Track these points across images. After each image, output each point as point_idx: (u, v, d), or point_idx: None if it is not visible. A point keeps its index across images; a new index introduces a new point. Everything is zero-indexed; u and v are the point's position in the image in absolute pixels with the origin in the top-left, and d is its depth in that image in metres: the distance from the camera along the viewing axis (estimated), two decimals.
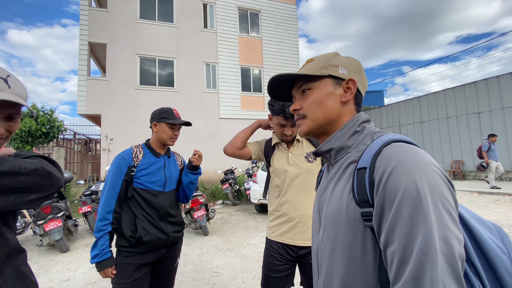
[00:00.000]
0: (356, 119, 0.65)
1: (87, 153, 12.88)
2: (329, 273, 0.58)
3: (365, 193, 0.52)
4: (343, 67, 0.66)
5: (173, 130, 1.56)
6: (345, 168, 0.61)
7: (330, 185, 0.64)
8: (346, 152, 0.63)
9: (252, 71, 11.41)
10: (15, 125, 0.75)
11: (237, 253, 3.80)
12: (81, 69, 9.04)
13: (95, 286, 2.89)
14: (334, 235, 0.57)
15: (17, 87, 0.72)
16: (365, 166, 0.53)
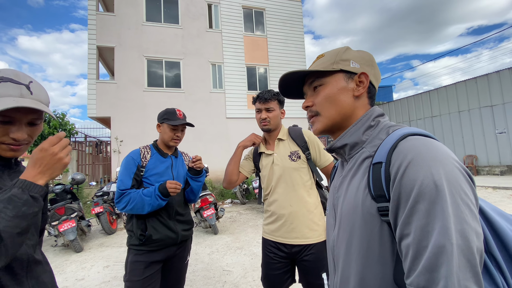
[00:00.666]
0: (370, 113, 0.64)
1: (98, 155, 13.16)
2: (345, 268, 0.58)
3: (381, 187, 0.51)
4: (354, 61, 0.65)
5: (174, 131, 1.56)
6: (360, 163, 0.60)
7: (345, 181, 0.64)
8: (360, 147, 0.62)
9: (257, 70, 11.40)
10: (37, 130, 0.77)
11: (247, 252, 3.81)
12: (90, 73, 9.22)
13: (109, 284, 2.95)
14: (350, 231, 0.57)
15: (39, 93, 0.74)
16: (380, 161, 0.53)
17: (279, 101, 1.54)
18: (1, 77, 0.69)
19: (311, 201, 1.46)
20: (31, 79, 0.74)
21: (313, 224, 1.42)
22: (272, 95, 1.51)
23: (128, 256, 1.45)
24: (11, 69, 0.73)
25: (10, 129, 0.70)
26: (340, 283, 0.60)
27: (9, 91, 0.68)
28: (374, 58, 0.69)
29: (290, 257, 1.45)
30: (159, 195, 1.42)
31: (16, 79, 0.70)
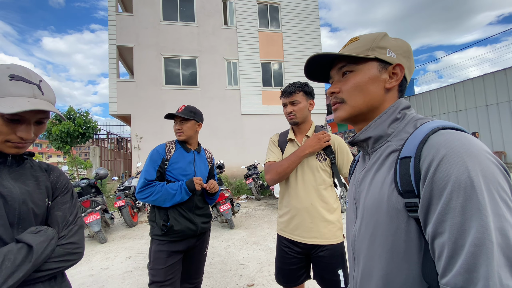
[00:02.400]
0: (396, 105, 0.61)
1: (119, 151, 13.71)
2: (368, 264, 0.57)
3: (410, 183, 0.49)
4: (391, 50, 0.61)
5: (175, 125, 1.64)
6: (385, 157, 0.58)
7: (368, 175, 0.62)
8: (385, 141, 0.60)
9: (272, 66, 11.33)
10: (42, 128, 0.77)
11: (262, 247, 3.85)
12: (111, 72, 9.59)
13: (131, 274, 3.10)
14: (374, 226, 0.55)
15: (49, 92, 0.74)
16: (409, 155, 0.50)
17: (305, 92, 1.48)
18: (12, 74, 0.67)
19: (332, 202, 1.44)
20: (40, 78, 0.74)
21: (331, 224, 1.40)
22: (296, 87, 1.47)
23: (152, 245, 1.53)
24: (21, 66, 0.71)
25: (17, 128, 0.69)
26: (361, 278, 0.59)
27: (21, 91, 0.67)
28: (412, 49, 0.64)
29: (305, 253, 1.44)
30: (185, 188, 1.51)
31: (28, 78, 0.70)
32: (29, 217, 0.74)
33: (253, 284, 2.75)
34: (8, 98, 0.64)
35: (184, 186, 1.52)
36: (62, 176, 0.90)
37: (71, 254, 0.78)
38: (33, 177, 0.80)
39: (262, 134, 9.96)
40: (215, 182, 1.65)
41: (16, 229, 0.71)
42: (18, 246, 0.66)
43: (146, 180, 1.50)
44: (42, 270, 0.70)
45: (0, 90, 0.65)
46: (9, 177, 0.73)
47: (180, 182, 1.54)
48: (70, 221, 0.82)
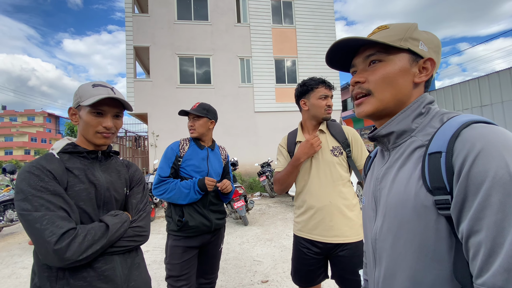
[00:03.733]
0: (421, 100, 0.58)
1: (137, 149, 14.14)
2: (391, 264, 0.55)
3: (441, 179, 0.47)
4: (423, 43, 0.57)
5: (189, 122, 1.68)
6: (410, 153, 0.56)
7: (390, 171, 0.59)
8: (409, 136, 0.58)
9: (286, 62, 11.23)
10: (120, 122, 0.98)
11: (276, 244, 3.86)
12: (128, 72, 9.88)
13: (149, 268, 3.21)
14: (399, 224, 0.53)
15: (119, 94, 0.96)
16: (439, 150, 0.48)
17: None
18: (93, 84, 0.93)
19: (351, 198, 1.40)
20: (113, 86, 0.98)
21: (352, 222, 1.36)
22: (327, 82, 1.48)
23: (168, 241, 1.58)
24: (99, 80, 0.99)
25: (102, 120, 0.91)
26: (384, 278, 0.57)
27: (100, 91, 0.91)
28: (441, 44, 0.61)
29: (324, 253, 1.40)
30: (198, 190, 1.54)
31: (104, 84, 0.95)
32: (111, 201, 0.94)
33: (267, 280, 2.77)
34: (92, 97, 0.88)
35: (196, 187, 1.54)
36: (138, 171, 1.11)
37: (139, 236, 0.95)
38: (116, 171, 1.00)
39: (275, 132, 9.93)
40: (228, 182, 1.66)
41: (102, 210, 0.91)
42: (100, 224, 0.85)
43: (160, 176, 1.55)
44: (116, 246, 0.87)
45: (86, 95, 0.90)
46: (100, 169, 0.94)
47: (193, 180, 1.57)
48: (140, 208, 1.00)
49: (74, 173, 0.86)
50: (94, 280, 0.82)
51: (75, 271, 0.80)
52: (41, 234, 0.73)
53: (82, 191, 0.86)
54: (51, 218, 0.75)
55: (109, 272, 0.85)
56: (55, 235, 0.73)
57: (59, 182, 0.82)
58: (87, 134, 0.91)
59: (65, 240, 0.74)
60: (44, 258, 0.77)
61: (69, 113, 0.95)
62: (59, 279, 0.79)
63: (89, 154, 0.93)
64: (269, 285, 2.68)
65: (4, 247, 4.22)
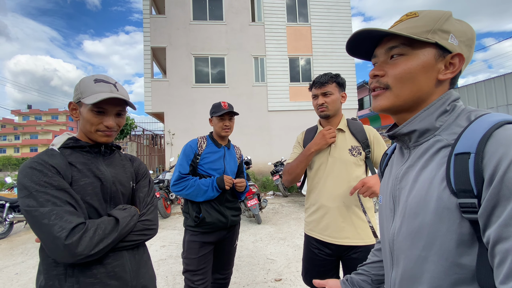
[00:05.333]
0: (447, 97, 0.55)
1: (153, 147, 14.54)
2: (410, 265, 0.54)
3: (468, 182, 0.45)
4: (454, 36, 0.52)
5: (223, 121, 1.68)
6: (434, 153, 0.53)
7: (411, 171, 0.57)
8: (432, 135, 0.55)
9: (300, 61, 11.13)
10: (122, 120, 0.95)
11: (290, 243, 3.86)
12: (146, 72, 10.17)
13: (165, 262, 3.31)
14: (419, 226, 0.51)
15: (122, 90, 0.93)
16: (468, 151, 0.46)
17: (338, 83, 1.40)
18: (96, 79, 0.89)
19: (365, 200, 1.36)
20: (115, 81, 0.93)
21: (365, 224, 1.33)
22: (329, 78, 1.39)
23: (185, 236, 1.63)
24: (101, 74, 0.94)
25: (103, 119, 0.89)
26: (401, 279, 0.56)
27: (102, 88, 0.87)
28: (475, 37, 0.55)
29: (336, 254, 1.37)
30: (216, 187, 1.58)
31: (106, 80, 0.91)
32: (118, 196, 0.92)
33: (281, 279, 2.77)
34: (94, 95, 0.85)
35: (215, 184, 1.58)
36: (142, 165, 1.10)
37: (148, 229, 0.94)
38: (121, 165, 0.99)
39: (289, 131, 9.87)
40: (244, 180, 1.69)
41: (109, 205, 0.90)
42: (109, 219, 0.83)
43: (180, 173, 1.59)
44: (126, 241, 0.87)
45: (88, 90, 0.86)
46: (104, 164, 0.93)
47: (212, 178, 1.61)
48: (148, 202, 0.99)
49: (77, 168, 0.84)
50: (104, 277, 0.81)
51: (84, 268, 0.78)
52: (50, 230, 0.71)
53: (88, 186, 0.84)
54: (59, 213, 0.73)
55: (119, 269, 0.84)
56: (65, 230, 0.71)
57: (63, 176, 0.79)
58: (88, 131, 0.88)
59: (76, 235, 0.72)
60: (54, 254, 0.74)
61: (69, 107, 0.90)
62: (68, 276, 0.77)
63: (92, 148, 0.91)
64: (283, 283, 2.69)
65: (30, 238, 4.48)
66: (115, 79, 0.95)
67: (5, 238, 4.53)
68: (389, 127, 0.66)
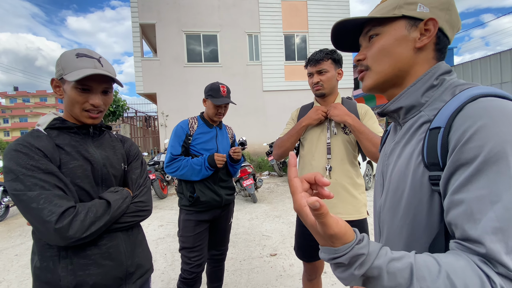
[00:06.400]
0: (434, 70, 0.54)
1: (147, 128, 14.36)
2: (390, 235, 0.58)
3: (436, 155, 0.46)
4: (423, 4, 0.53)
5: (218, 108, 1.65)
6: (416, 129, 0.54)
7: (397, 147, 0.59)
8: (418, 111, 0.55)
9: (296, 38, 10.80)
10: (109, 98, 0.90)
11: (285, 220, 3.97)
12: (135, 51, 9.77)
13: (163, 240, 3.40)
14: (398, 199, 0.54)
15: (107, 66, 0.87)
16: (439, 126, 0.46)
17: (334, 60, 1.37)
18: (78, 53, 0.83)
19: (356, 177, 1.39)
20: (100, 56, 0.87)
21: (356, 200, 1.36)
22: (325, 55, 1.35)
23: (180, 215, 1.65)
24: (84, 48, 0.87)
25: (89, 97, 0.84)
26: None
27: (85, 64, 0.81)
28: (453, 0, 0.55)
29: None
30: (208, 167, 1.57)
31: (90, 54, 0.84)
32: (110, 178, 0.90)
33: (276, 254, 2.89)
34: (76, 71, 0.79)
35: (207, 164, 1.57)
36: (134, 146, 1.06)
37: (142, 211, 0.94)
38: (111, 146, 0.96)
39: (284, 111, 9.80)
40: (238, 148, 1.69)
41: (101, 188, 0.88)
42: (100, 202, 0.82)
43: (172, 155, 1.58)
44: (120, 222, 0.86)
45: (70, 66, 0.80)
46: (93, 145, 0.90)
47: (203, 157, 1.59)
48: (140, 183, 0.98)
49: (65, 150, 0.81)
50: (99, 258, 0.81)
51: (78, 250, 0.79)
52: (39, 214, 0.70)
53: (77, 168, 0.81)
54: (47, 197, 0.71)
55: (113, 250, 0.85)
56: (54, 214, 0.70)
57: (51, 160, 0.77)
58: (73, 111, 0.84)
59: (66, 219, 0.72)
60: (46, 238, 0.75)
61: (52, 85, 0.85)
62: (62, 258, 0.77)
63: (80, 129, 0.87)
64: (278, 258, 2.80)
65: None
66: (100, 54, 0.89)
67: (2, 221, 4.55)
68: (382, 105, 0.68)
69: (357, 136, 1.29)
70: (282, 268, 2.59)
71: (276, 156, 1.51)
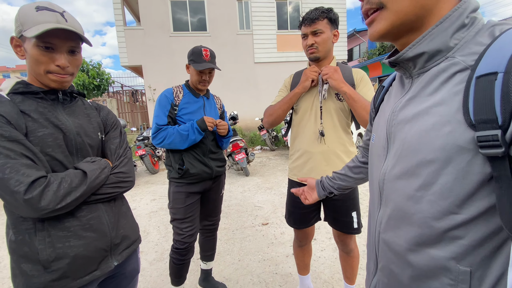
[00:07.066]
0: (464, 6, 0.44)
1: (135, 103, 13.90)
2: (401, 205, 0.49)
3: (492, 109, 0.37)
4: None
5: (201, 75, 1.54)
6: (446, 79, 0.44)
7: (413, 103, 0.49)
8: (444, 57, 0.45)
9: (288, 5, 10.23)
10: (76, 60, 0.82)
11: (276, 192, 4.05)
12: (117, 19, 9.09)
13: (156, 214, 3.43)
14: (418, 165, 0.45)
15: (73, 21, 0.78)
16: (493, 71, 0.37)
17: (330, 20, 1.27)
18: (37, 6, 0.75)
19: (349, 145, 1.37)
20: (64, 9, 0.79)
21: None
22: (320, 13, 1.25)
23: (170, 187, 1.62)
24: (44, 1, 0.78)
25: (54, 57, 0.76)
26: (389, 218, 0.53)
27: (46, 18, 0.73)
28: None
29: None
30: (197, 128, 1.49)
31: (51, 7, 0.76)
32: (85, 147, 0.85)
33: (268, 223, 2.97)
34: (36, 26, 0.71)
35: (196, 125, 1.49)
36: (111, 114, 1.00)
37: (123, 182, 0.90)
38: (85, 114, 0.90)
39: (277, 84, 9.56)
40: (225, 122, 1.62)
41: (76, 158, 0.83)
42: (75, 172, 0.78)
43: (157, 125, 1.50)
44: (99, 194, 0.83)
45: (29, 21, 0.73)
46: (64, 113, 0.83)
47: (191, 122, 1.51)
48: (120, 154, 0.93)
49: (32, 117, 0.75)
50: (79, 230, 0.79)
51: (55, 222, 0.75)
52: (6, 184, 0.66)
53: (47, 137, 0.76)
54: (13, 166, 0.67)
55: (94, 221, 0.82)
56: (22, 184, 0.66)
57: (16, 127, 0.71)
58: (37, 73, 0.77)
59: (36, 189, 0.68)
60: (16, 209, 0.71)
61: (12, 44, 0.78)
62: (38, 230, 0.74)
63: (47, 94, 0.80)
64: (269, 227, 2.88)
65: None
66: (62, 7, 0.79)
67: None
68: (389, 53, 0.56)
69: (351, 104, 1.24)
70: (273, 236, 2.67)
71: (267, 124, 1.47)
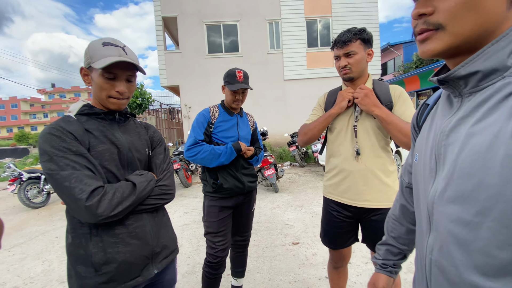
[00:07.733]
0: None
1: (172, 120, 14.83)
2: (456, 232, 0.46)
3: None
4: None
5: (235, 94, 1.63)
6: (501, 99, 0.42)
7: (464, 123, 0.46)
8: (500, 76, 0.43)
9: (318, 23, 10.37)
10: (132, 86, 0.94)
11: (307, 210, 3.94)
12: (159, 44, 10.01)
13: (189, 226, 3.53)
14: (474, 189, 0.43)
15: (131, 54, 0.91)
16: None
17: (363, 40, 1.25)
18: (104, 42, 0.87)
19: (388, 164, 1.31)
20: (124, 44, 0.92)
21: (387, 187, 1.29)
22: (353, 35, 1.24)
23: (205, 201, 1.69)
24: (109, 37, 0.93)
25: (115, 85, 0.89)
26: (442, 245, 0.49)
27: (111, 52, 0.86)
28: None
29: (356, 217, 1.37)
30: (231, 149, 1.60)
31: (115, 43, 0.89)
32: (135, 162, 0.96)
33: (298, 242, 2.88)
34: (103, 59, 0.84)
35: (230, 145, 1.59)
36: (157, 132, 1.12)
37: (165, 194, 0.98)
38: (136, 132, 1.02)
39: (306, 100, 9.59)
40: (252, 149, 1.69)
41: (127, 171, 0.93)
42: (127, 183, 0.87)
43: (196, 138, 1.59)
44: (145, 204, 0.92)
45: (97, 54, 0.85)
46: (119, 130, 0.95)
47: (226, 145, 1.61)
48: (164, 168, 1.03)
49: (94, 134, 0.87)
50: (126, 237, 0.86)
51: (108, 228, 0.84)
52: (71, 192, 0.76)
53: (105, 151, 0.87)
54: (78, 176, 0.77)
55: (139, 230, 0.90)
56: (85, 192, 0.76)
57: (81, 143, 0.82)
58: (100, 98, 0.90)
59: (95, 197, 0.77)
60: (77, 215, 0.81)
61: (81, 73, 0.91)
62: (93, 235, 0.83)
63: (107, 115, 0.93)
64: (300, 246, 2.79)
65: None
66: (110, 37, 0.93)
67: (45, 206, 5.00)
68: (437, 70, 0.53)
69: (385, 127, 1.22)
70: (304, 256, 2.58)
71: (302, 142, 1.48)
